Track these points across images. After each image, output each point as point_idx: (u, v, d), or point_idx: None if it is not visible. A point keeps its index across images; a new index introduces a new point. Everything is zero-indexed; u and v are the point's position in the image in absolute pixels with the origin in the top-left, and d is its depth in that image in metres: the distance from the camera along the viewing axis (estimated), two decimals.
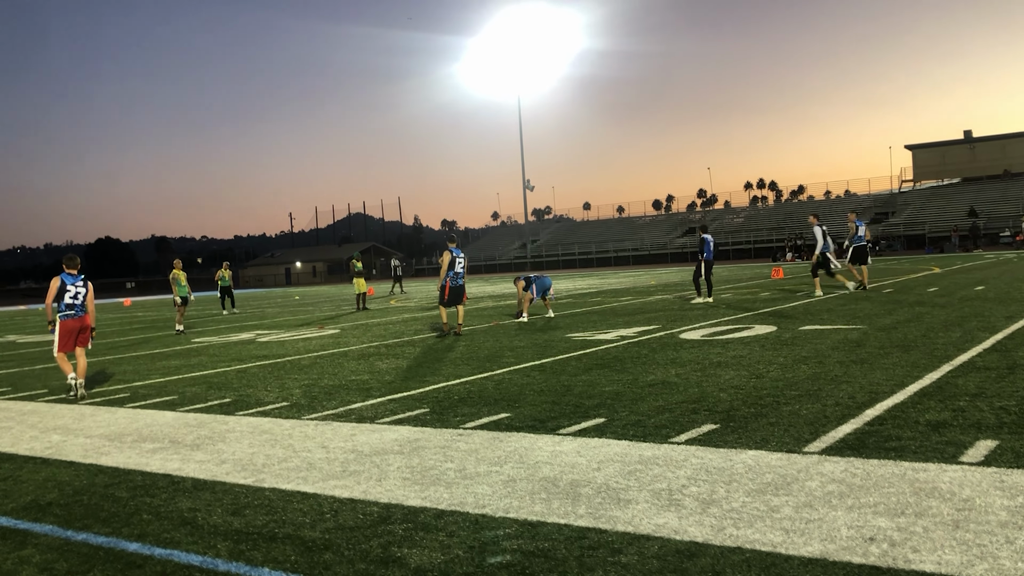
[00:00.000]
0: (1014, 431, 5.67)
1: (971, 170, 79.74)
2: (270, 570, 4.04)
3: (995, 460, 5.03)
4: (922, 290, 19.60)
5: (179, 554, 4.36)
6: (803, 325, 13.13)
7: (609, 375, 9.29)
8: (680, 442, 5.99)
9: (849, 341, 10.79)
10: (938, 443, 5.49)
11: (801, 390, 7.62)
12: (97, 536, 4.77)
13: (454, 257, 15.53)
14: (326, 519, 4.80)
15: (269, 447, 6.79)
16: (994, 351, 9.21)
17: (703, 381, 8.44)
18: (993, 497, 4.37)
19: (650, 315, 17.41)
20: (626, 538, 4.14)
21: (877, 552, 3.75)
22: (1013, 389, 7.05)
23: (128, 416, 8.79)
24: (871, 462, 5.16)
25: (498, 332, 15.63)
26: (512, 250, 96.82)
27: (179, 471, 6.19)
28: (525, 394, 8.43)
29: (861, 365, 8.79)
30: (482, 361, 11.28)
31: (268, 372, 11.71)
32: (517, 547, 4.13)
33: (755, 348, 10.72)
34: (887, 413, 6.46)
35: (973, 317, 12.74)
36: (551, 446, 6.15)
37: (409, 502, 5.01)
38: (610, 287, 32.77)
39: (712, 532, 4.14)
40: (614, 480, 5.15)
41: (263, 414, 8.33)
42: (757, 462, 5.33)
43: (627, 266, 78.16)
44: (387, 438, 6.81)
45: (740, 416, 6.71)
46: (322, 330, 19.32)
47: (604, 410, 7.33)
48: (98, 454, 6.99)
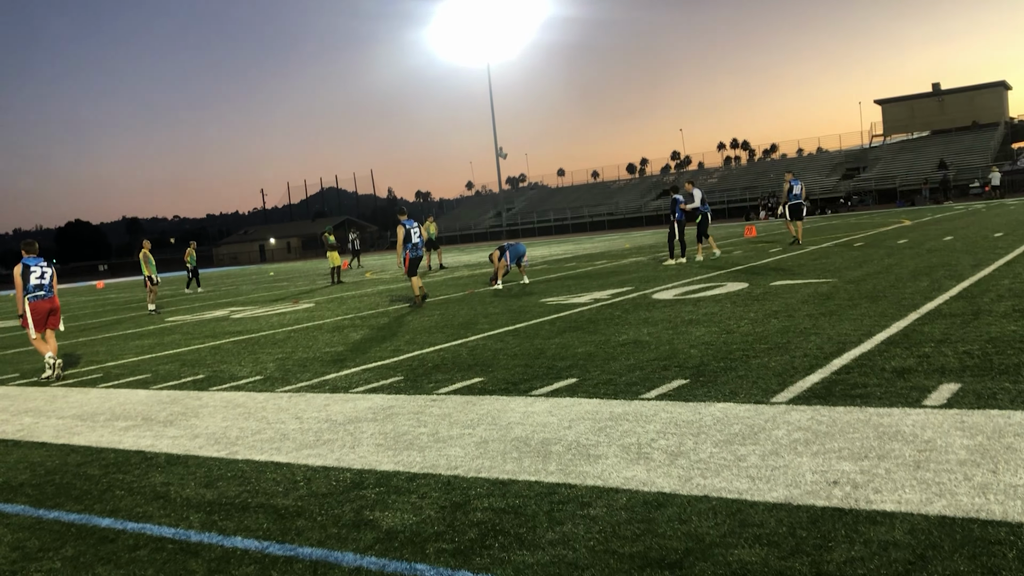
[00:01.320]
0: (976, 374, 5.77)
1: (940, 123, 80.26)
2: (242, 538, 4.06)
3: (957, 402, 5.12)
4: (892, 242, 19.79)
5: (151, 527, 4.37)
6: (774, 280, 13.23)
7: (582, 337, 9.34)
8: (650, 398, 6.05)
9: (819, 294, 10.90)
10: (903, 388, 5.58)
11: (771, 343, 7.70)
12: (69, 514, 4.76)
13: (408, 229, 15.53)
14: (299, 487, 4.82)
15: (243, 420, 6.78)
16: (960, 298, 9.33)
17: (674, 339, 8.51)
18: (954, 437, 4.46)
19: (624, 277, 17.48)
20: (595, 492, 4.20)
21: (840, 495, 3.82)
22: (977, 334, 7.16)
23: (101, 396, 8.75)
24: (837, 409, 5.24)
25: (473, 300, 15.64)
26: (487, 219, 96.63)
27: (152, 447, 6.18)
28: (499, 358, 8.46)
29: (830, 317, 8.89)
30: (456, 328, 11.30)
31: (242, 348, 11.67)
32: (488, 505, 4.17)
33: (726, 305, 10.81)
34: (854, 362, 6.55)
35: (941, 267, 12.90)
36: (523, 407, 6.19)
37: (382, 467, 5.04)
38: (585, 252, 32.84)
39: (679, 483, 4.20)
40: (584, 437, 5.20)
41: (237, 388, 8.32)
42: (725, 414, 5.40)
43: (602, 231, 78.30)
44: (361, 407, 6.82)
45: (710, 371, 6.78)
46: (296, 305, 19.25)
47: (576, 371, 7.38)
48: (70, 434, 6.96)
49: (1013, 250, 14.56)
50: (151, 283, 21.77)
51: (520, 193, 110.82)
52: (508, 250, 18.15)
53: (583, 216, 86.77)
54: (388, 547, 3.76)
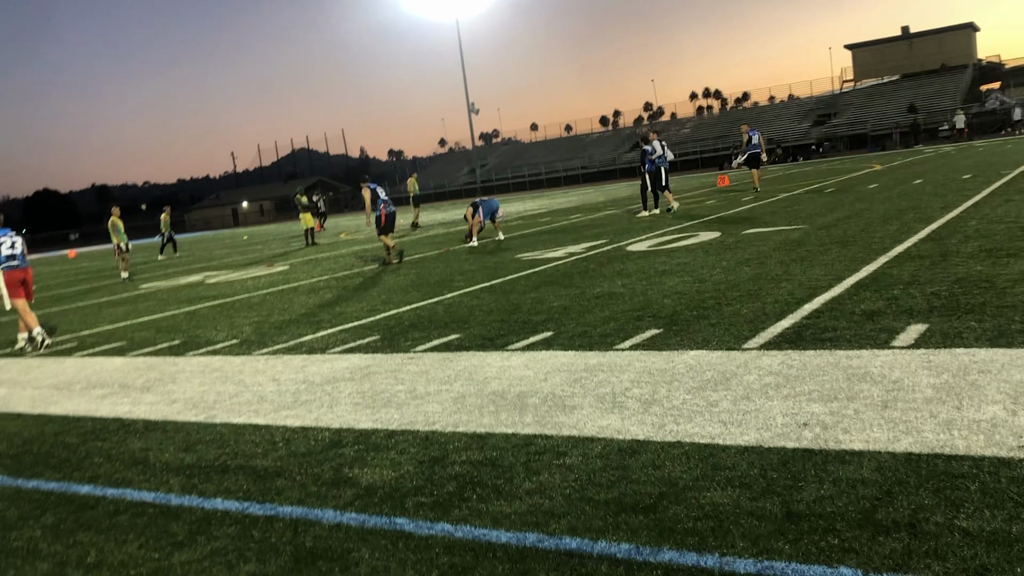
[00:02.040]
0: (943, 314, 5.87)
1: (910, 66, 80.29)
2: (223, 500, 4.10)
3: (924, 342, 5.22)
4: (863, 188, 19.93)
5: (131, 492, 4.39)
6: (746, 229, 13.31)
7: (557, 291, 9.38)
8: (624, 348, 6.11)
9: (790, 241, 10.99)
10: (872, 330, 5.67)
11: (742, 291, 7.78)
12: (48, 482, 4.77)
13: (373, 189, 15.70)
14: (278, 448, 4.85)
15: (220, 384, 6.79)
16: (929, 240, 9.45)
17: (648, 290, 8.57)
18: (920, 377, 4.55)
19: (598, 231, 17.51)
20: (571, 441, 4.26)
21: (810, 436, 3.90)
22: (944, 275, 7.27)
23: (76, 365, 8.71)
24: (807, 353, 5.32)
25: (448, 258, 15.63)
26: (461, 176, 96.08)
27: (130, 414, 6.18)
28: (475, 315, 8.49)
29: (801, 263, 8.98)
30: (432, 287, 11.31)
31: (218, 312, 11.63)
32: (466, 458, 4.22)
33: (699, 254, 10.88)
34: (824, 306, 6.64)
35: (911, 210, 13.03)
36: (500, 362, 6.23)
37: (360, 425, 5.07)
38: (560, 207, 32.81)
39: (653, 429, 4.26)
40: (560, 389, 5.25)
41: (213, 353, 8.30)
42: (698, 361, 5.47)
43: (577, 185, 78.13)
44: (338, 367, 6.84)
45: (683, 320, 6.85)
46: (271, 268, 19.14)
47: (552, 324, 7.42)
48: (47, 404, 6.94)
49: (980, 191, 14.72)
50: (121, 251, 21.53)
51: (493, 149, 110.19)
52: (482, 206, 18.11)
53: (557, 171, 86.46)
54: (368, 503, 3.81)
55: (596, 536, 3.18)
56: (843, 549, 2.85)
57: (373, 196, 15.64)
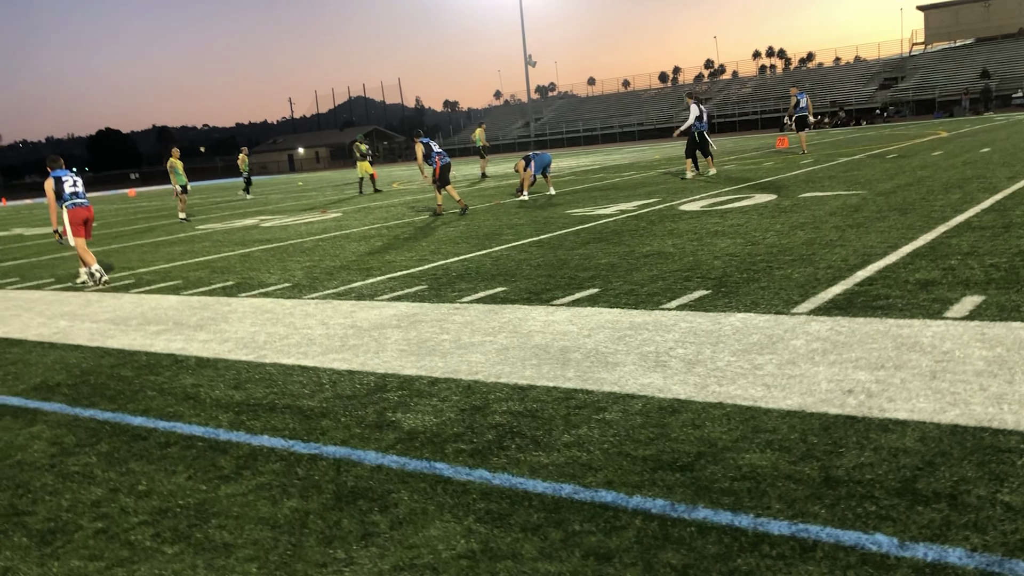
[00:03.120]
0: (1001, 286, 5.73)
1: (986, 30, 77.25)
2: (269, 437, 4.21)
3: (979, 315, 5.10)
4: (926, 155, 19.38)
5: (182, 426, 4.53)
6: (803, 192, 13.07)
7: (606, 248, 9.34)
8: (671, 308, 6.08)
9: (848, 206, 10.77)
10: (925, 300, 5.56)
11: (795, 255, 7.66)
12: (103, 412, 4.94)
13: (427, 144, 15.70)
14: (324, 390, 4.95)
15: (271, 326, 6.92)
16: (992, 211, 9.19)
17: (698, 250, 8.49)
18: (972, 349, 4.46)
19: (651, 188, 17.33)
20: (611, 397, 4.27)
21: (854, 403, 3.87)
22: (1006, 247, 7.08)
23: (133, 301, 8.94)
24: (857, 320, 5.24)
25: (498, 211, 15.63)
26: (516, 129, 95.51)
27: (183, 351, 6.34)
28: (522, 268, 8.51)
29: (857, 229, 8.80)
30: (481, 239, 11.34)
31: (271, 255, 11.81)
32: (507, 409, 4.27)
33: (753, 216, 10.72)
34: (878, 274, 6.52)
35: (975, 179, 12.65)
36: (544, 316, 6.25)
37: (405, 371, 5.15)
38: (613, 163, 32.50)
39: (695, 390, 4.26)
40: (603, 345, 5.26)
41: (265, 295, 8.46)
42: (745, 324, 5.43)
43: (633, 141, 77.21)
44: (386, 314, 6.93)
45: (732, 282, 6.78)
46: (325, 214, 19.34)
47: (599, 281, 7.41)
48: (104, 337, 7.15)
49: None
50: (181, 191, 21.88)
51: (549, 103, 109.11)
52: (534, 160, 18.01)
53: (613, 127, 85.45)
54: (409, 447, 3.88)
55: (632, 491, 3.20)
56: (880, 516, 2.83)
57: (426, 150, 15.64)
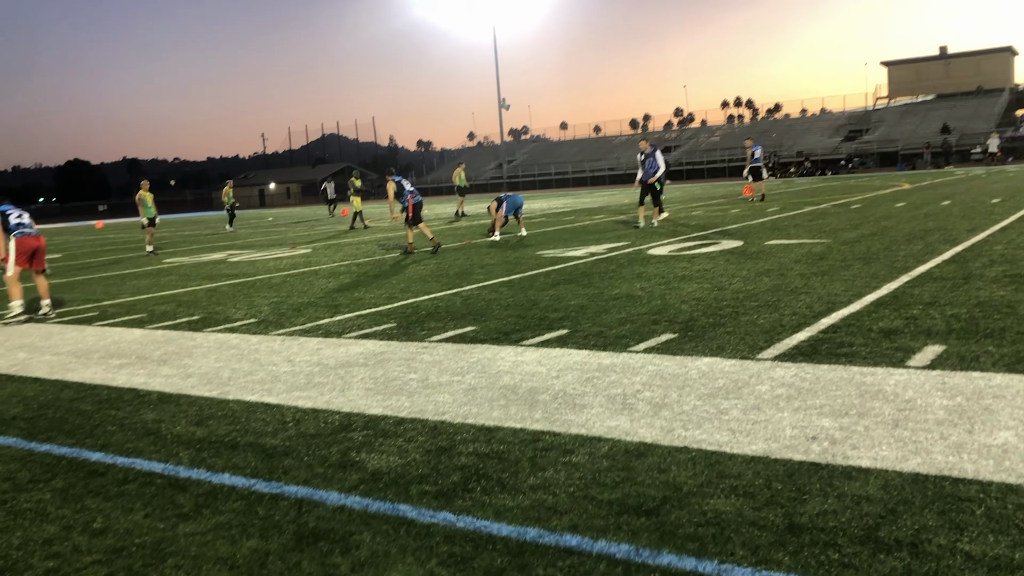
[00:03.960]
0: (961, 337, 5.83)
1: (946, 87, 79.44)
2: (230, 475, 4.14)
3: (940, 364, 5.18)
4: (889, 206, 19.77)
5: (141, 462, 4.45)
6: (769, 240, 13.25)
7: (575, 289, 9.38)
8: (638, 351, 6.11)
9: (813, 254, 10.93)
10: (888, 349, 5.64)
11: (761, 301, 7.75)
12: (60, 447, 4.84)
13: (398, 182, 15.79)
14: (288, 428, 4.89)
15: (235, 361, 6.85)
16: (952, 262, 9.37)
17: (666, 294, 8.56)
18: (934, 398, 4.52)
19: (621, 232, 17.48)
20: (578, 440, 4.27)
21: (818, 450, 3.89)
22: (966, 298, 7.21)
23: (96, 334, 8.81)
24: (821, 367, 5.30)
25: (470, 250, 15.67)
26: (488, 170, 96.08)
27: (145, 385, 6.25)
28: (492, 308, 8.51)
29: (822, 277, 8.93)
30: (452, 278, 11.34)
31: (238, 290, 11.72)
32: (473, 450, 4.24)
33: (720, 262, 10.84)
34: (842, 322, 6.61)
35: (936, 231, 12.91)
36: (513, 356, 6.25)
37: (371, 411, 5.11)
38: (584, 206, 32.76)
39: (661, 433, 4.27)
40: (571, 387, 5.26)
41: (231, 330, 8.37)
42: (711, 368, 5.46)
43: (603, 185, 77.93)
44: (353, 351, 6.89)
45: (699, 326, 6.83)
46: (294, 250, 19.26)
47: (568, 322, 7.43)
48: (64, 370, 7.02)
49: (1009, 216, 14.57)
50: (148, 224, 21.66)
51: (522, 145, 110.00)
52: (506, 201, 18.12)
53: (584, 171, 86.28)
54: (372, 487, 3.84)
55: (597, 535, 3.19)
56: (843, 564, 2.84)
57: (398, 189, 15.71)
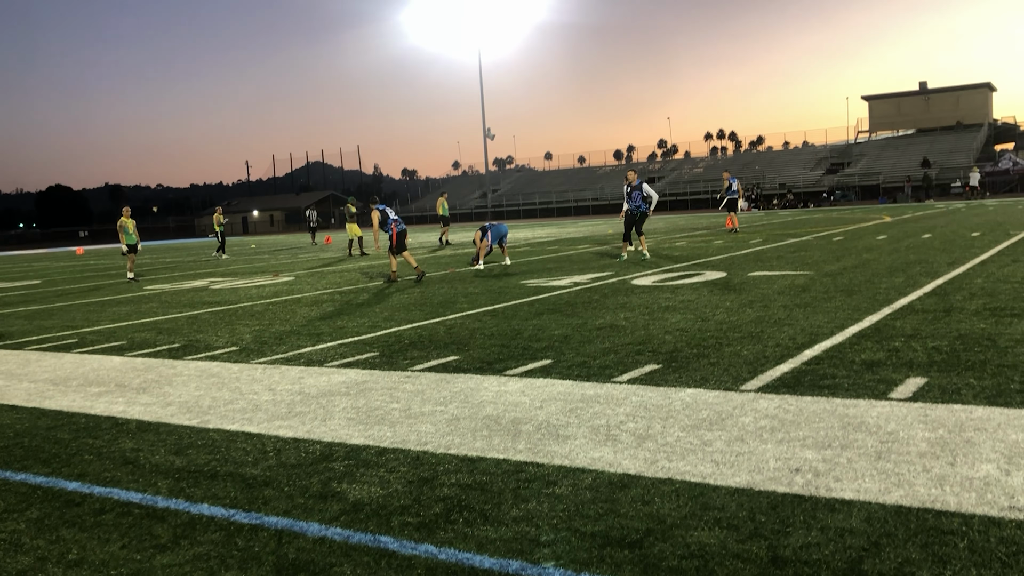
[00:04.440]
0: (943, 369, 5.86)
1: (925, 121, 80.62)
2: (209, 505, 4.08)
3: (922, 396, 5.20)
4: (871, 238, 19.95)
5: (119, 492, 4.38)
6: (752, 271, 13.32)
7: (559, 319, 9.38)
8: (622, 381, 6.10)
9: (795, 286, 10.99)
10: (870, 381, 5.66)
11: (744, 332, 7.77)
12: (36, 476, 4.76)
13: (383, 211, 15.69)
14: (268, 457, 4.84)
15: (216, 390, 6.79)
16: (934, 295, 9.44)
17: (650, 324, 8.57)
18: (916, 430, 4.53)
19: (605, 262, 17.53)
20: (562, 471, 4.24)
21: (801, 482, 3.89)
22: (947, 331, 7.26)
23: (75, 361, 8.71)
24: (804, 399, 5.31)
25: (453, 279, 15.65)
26: (473, 199, 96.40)
27: (124, 413, 6.18)
28: (475, 338, 8.49)
29: (804, 309, 8.97)
30: (435, 307, 11.32)
31: (219, 318, 11.64)
32: (455, 481, 4.21)
33: (703, 293, 10.88)
34: (825, 353, 6.63)
35: (917, 263, 13.03)
36: (496, 386, 6.23)
37: (352, 440, 5.06)
38: (568, 236, 32.88)
39: (645, 465, 4.25)
40: (555, 417, 5.24)
41: (212, 358, 8.31)
42: (695, 399, 5.46)
43: (587, 215, 78.33)
44: (335, 380, 6.84)
45: (683, 357, 6.84)
46: (276, 277, 19.19)
47: (551, 352, 7.42)
48: (41, 398, 6.94)
49: (989, 250, 14.72)
50: (128, 251, 21.38)
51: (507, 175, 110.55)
52: (490, 230, 18.16)
53: (568, 200, 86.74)
54: (353, 519, 3.79)
55: (580, 568, 3.16)
56: None
57: (382, 217, 15.65)
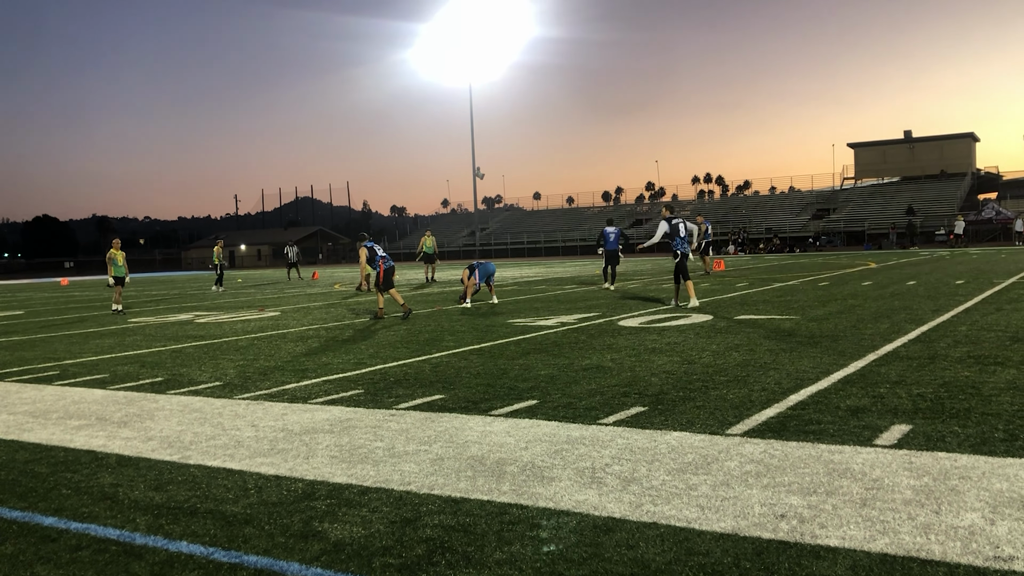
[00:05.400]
0: (927, 416, 5.87)
1: (910, 169, 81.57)
2: (188, 543, 4.02)
3: (907, 443, 5.20)
4: (856, 284, 20.08)
5: (96, 528, 4.31)
6: (739, 315, 13.36)
7: (546, 359, 9.37)
8: (608, 423, 6.08)
9: (781, 330, 11.03)
10: (855, 427, 5.66)
11: (730, 376, 7.77)
12: (12, 511, 4.69)
13: (371, 248, 15.66)
14: (250, 495, 4.78)
15: (198, 425, 6.72)
16: (918, 342, 9.49)
17: (636, 366, 8.56)
18: (901, 477, 4.53)
19: (592, 303, 17.55)
20: (546, 513, 4.21)
21: (786, 528, 3.87)
22: (931, 377, 7.28)
23: (56, 393, 8.62)
24: (790, 444, 5.30)
25: (440, 317, 15.63)
26: (461, 237, 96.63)
27: (104, 447, 6.10)
28: (461, 376, 8.46)
29: (790, 353, 8.99)
30: (421, 344, 11.28)
31: (203, 352, 11.56)
32: (439, 522, 4.17)
33: (690, 336, 10.90)
34: (810, 398, 6.64)
35: (902, 310, 13.10)
36: (482, 426, 6.19)
37: (335, 479, 5.01)
38: (556, 276, 32.93)
39: (630, 508, 4.22)
40: (540, 459, 5.21)
41: (195, 393, 8.24)
42: (680, 443, 5.44)
43: (576, 256, 78.55)
44: (318, 418, 6.79)
45: (669, 399, 6.83)
46: (262, 312, 19.10)
47: (537, 392, 7.39)
48: (20, 430, 6.85)
49: (973, 298, 14.83)
50: (115, 283, 21.10)
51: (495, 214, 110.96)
52: (478, 268, 18.17)
53: (557, 240, 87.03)
54: (334, 559, 3.74)
55: None
56: None
57: (371, 254, 15.64)
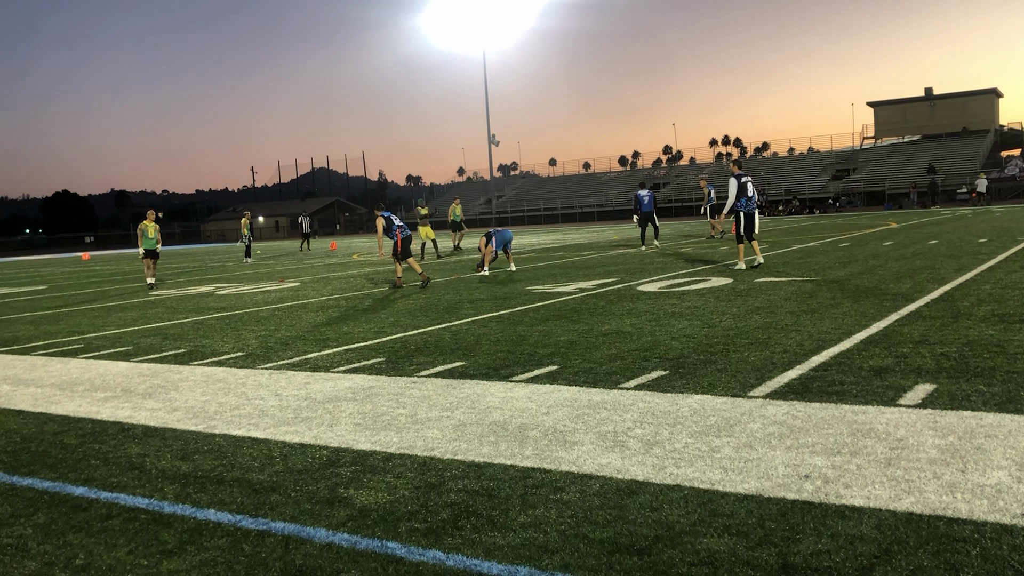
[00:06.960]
0: (951, 375, 5.83)
1: (931, 127, 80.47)
2: (216, 511, 4.07)
3: (931, 403, 5.17)
4: (877, 244, 19.90)
5: (125, 497, 4.37)
6: (759, 277, 13.29)
7: (565, 325, 9.36)
8: (629, 387, 6.08)
9: (802, 292, 10.96)
10: (879, 387, 5.63)
11: (751, 338, 7.74)
12: (43, 481, 4.76)
13: (387, 218, 15.62)
14: (275, 463, 4.83)
15: (222, 395, 6.78)
16: (941, 301, 9.41)
17: (656, 330, 8.55)
18: (925, 436, 4.51)
19: (610, 268, 17.51)
20: (569, 477, 4.23)
21: (811, 488, 3.86)
22: (955, 336, 7.23)
23: (81, 366, 8.72)
24: (813, 405, 5.28)
25: (459, 285, 15.65)
26: (478, 205, 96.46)
27: (130, 419, 6.17)
28: (481, 343, 8.48)
29: (812, 315, 8.94)
30: (441, 312, 11.31)
31: (225, 324, 11.65)
32: (463, 487, 4.19)
33: (710, 299, 10.85)
34: (832, 360, 6.60)
35: (924, 270, 12.99)
36: (503, 392, 6.21)
37: (359, 446, 5.05)
38: (573, 242, 32.86)
39: (653, 471, 4.23)
40: (562, 423, 5.22)
41: (218, 364, 8.30)
42: (702, 406, 5.44)
43: (592, 222, 78.29)
44: (341, 386, 6.83)
45: (689, 363, 6.82)
46: (282, 283, 19.20)
47: (558, 358, 7.40)
48: (48, 403, 6.94)
49: (996, 256, 14.67)
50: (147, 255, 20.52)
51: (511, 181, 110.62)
52: (495, 236, 18.15)
53: (573, 207, 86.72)
54: (360, 524, 3.78)
55: (588, 574, 3.14)
56: None
57: (387, 224, 15.63)
